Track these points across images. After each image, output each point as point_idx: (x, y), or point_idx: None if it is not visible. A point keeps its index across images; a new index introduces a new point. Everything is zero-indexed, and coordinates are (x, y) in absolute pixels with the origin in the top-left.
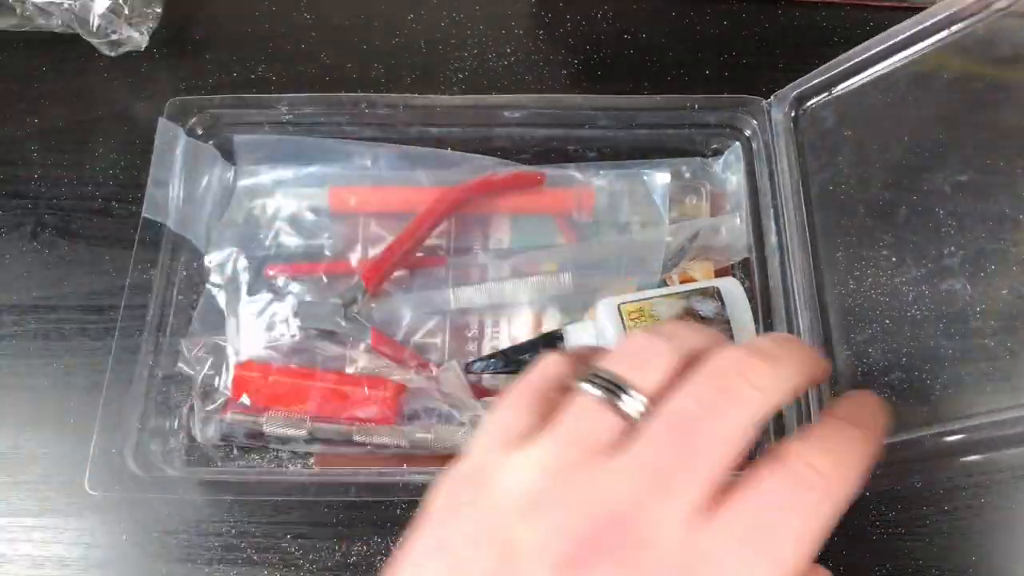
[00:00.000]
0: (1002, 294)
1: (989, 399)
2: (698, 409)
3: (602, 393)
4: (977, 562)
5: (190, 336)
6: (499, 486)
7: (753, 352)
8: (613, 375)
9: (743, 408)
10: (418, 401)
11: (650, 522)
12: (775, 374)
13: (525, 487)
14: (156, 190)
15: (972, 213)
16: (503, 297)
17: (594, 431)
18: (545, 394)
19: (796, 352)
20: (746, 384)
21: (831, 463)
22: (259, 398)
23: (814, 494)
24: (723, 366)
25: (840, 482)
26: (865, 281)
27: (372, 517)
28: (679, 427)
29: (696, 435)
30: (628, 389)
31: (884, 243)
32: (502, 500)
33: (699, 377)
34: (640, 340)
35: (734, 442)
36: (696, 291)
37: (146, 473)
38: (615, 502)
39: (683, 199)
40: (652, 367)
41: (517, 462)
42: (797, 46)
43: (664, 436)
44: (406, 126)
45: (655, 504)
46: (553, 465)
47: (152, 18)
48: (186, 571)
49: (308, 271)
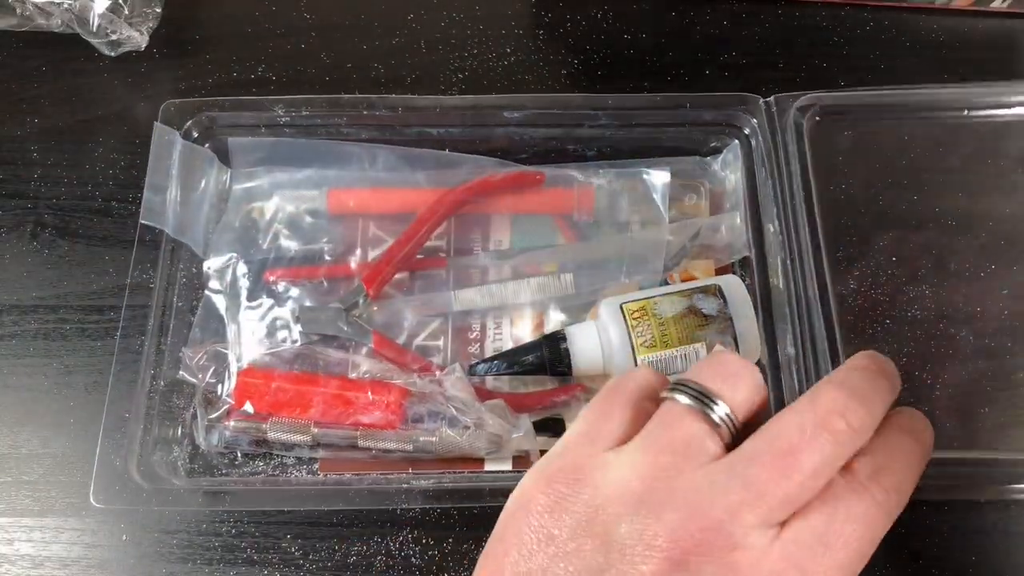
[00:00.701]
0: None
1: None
2: (800, 440)
3: (692, 402)
4: (977, 562)
5: (191, 343)
6: (600, 484)
7: (854, 395)
8: (702, 386)
9: (838, 447)
10: (422, 405)
11: (744, 528)
12: (869, 414)
13: (625, 487)
14: (153, 195)
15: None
16: (505, 298)
17: (686, 437)
18: (637, 401)
19: (886, 391)
20: (843, 424)
21: (895, 483)
22: (262, 405)
23: (880, 511)
24: (826, 404)
25: (901, 499)
26: (866, 280)
27: (372, 517)
28: (781, 452)
29: (795, 463)
30: (717, 399)
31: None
32: (603, 498)
33: (804, 409)
34: (729, 357)
35: (825, 475)
36: (698, 289)
37: (150, 484)
38: (713, 508)
39: (682, 198)
40: (741, 382)
41: (616, 462)
42: (797, 46)
43: (766, 458)
44: (404, 127)
45: (751, 515)
46: (651, 468)
47: (152, 18)
48: (186, 571)
49: (308, 275)
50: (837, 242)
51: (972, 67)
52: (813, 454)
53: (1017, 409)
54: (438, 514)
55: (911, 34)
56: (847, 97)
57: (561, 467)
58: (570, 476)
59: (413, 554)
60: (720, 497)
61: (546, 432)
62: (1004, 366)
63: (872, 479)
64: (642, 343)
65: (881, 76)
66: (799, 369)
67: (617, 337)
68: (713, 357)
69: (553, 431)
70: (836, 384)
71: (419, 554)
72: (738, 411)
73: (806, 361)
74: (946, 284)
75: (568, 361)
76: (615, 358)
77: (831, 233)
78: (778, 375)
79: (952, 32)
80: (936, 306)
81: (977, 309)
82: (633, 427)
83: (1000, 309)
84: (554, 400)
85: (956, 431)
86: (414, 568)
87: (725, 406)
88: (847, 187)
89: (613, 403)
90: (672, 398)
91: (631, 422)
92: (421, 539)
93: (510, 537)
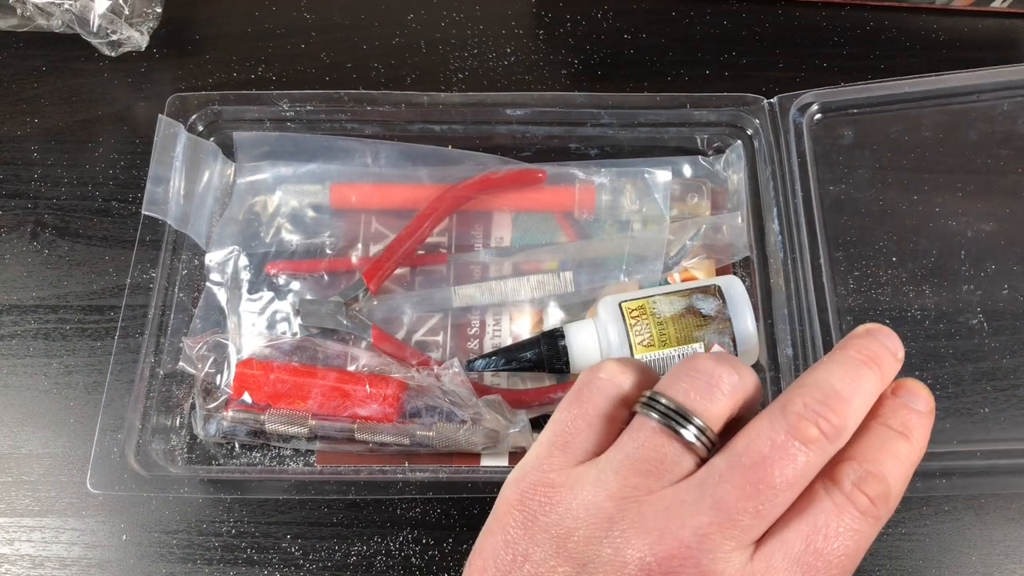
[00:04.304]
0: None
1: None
2: (771, 451)
3: (664, 420)
4: (977, 562)
5: (192, 334)
6: (571, 504)
7: (829, 397)
8: (675, 403)
9: (812, 456)
10: (420, 399)
11: (714, 552)
12: (846, 416)
13: (597, 508)
14: (155, 187)
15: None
16: (504, 295)
17: (659, 456)
18: (606, 412)
19: (872, 382)
20: (815, 431)
21: (882, 491)
22: (261, 396)
23: (866, 521)
24: (797, 409)
25: (889, 507)
26: (866, 280)
27: (372, 517)
28: (750, 469)
29: (766, 478)
30: (692, 417)
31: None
32: (574, 519)
33: (774, 416)
34: (704, 363)
35: (800, 485)
36: (697, 289)
37: (148, 472)
38: (683, 531)
39: (684, 197)
40: (717, 390)
41: (586, 479)
42: (797, 46)
43: (736, 476)
44: (407, 123)
45: (720, 537)
46: (622, 488)
47: (152, 18)
48: (186, 571)
49: (309, 269)
50: (837, 242)
51: (972, 67)
52: (785, 466)
53: (1017, 409)
54: (438, 514)
55: (911, 34)
56: (847, 91)
57: (534, 482)
58: (542, 492)
59: (413, 554)
60: (689, 519)
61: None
62: (1004, 366)
63: (857, 488)
64: (640, 342)
65: (881, 76)
66: (798, 370)
67: (615, 335)
68: (688, 364)
69: None
70: (809, 387)
71: (419, 554)
72: (715, 422)
73: (805, 362)
74: (946, 284)
75: (566, 358)
76: (613, 357)
77: (832, 233)
78: (777, 376)
79: (952, 32)
80: (936, 306)
81: (977, 309)
82: (604, 439)
83: (1000, 309)
84: (551, 397)
85: (956, 431)
86: (414, 568)
87: (699, 421)
88: (848, 187)
89: (581, 415)
90: (644, 414)
91: (602, 433)
92: (421, 539)
93: (487, 552)
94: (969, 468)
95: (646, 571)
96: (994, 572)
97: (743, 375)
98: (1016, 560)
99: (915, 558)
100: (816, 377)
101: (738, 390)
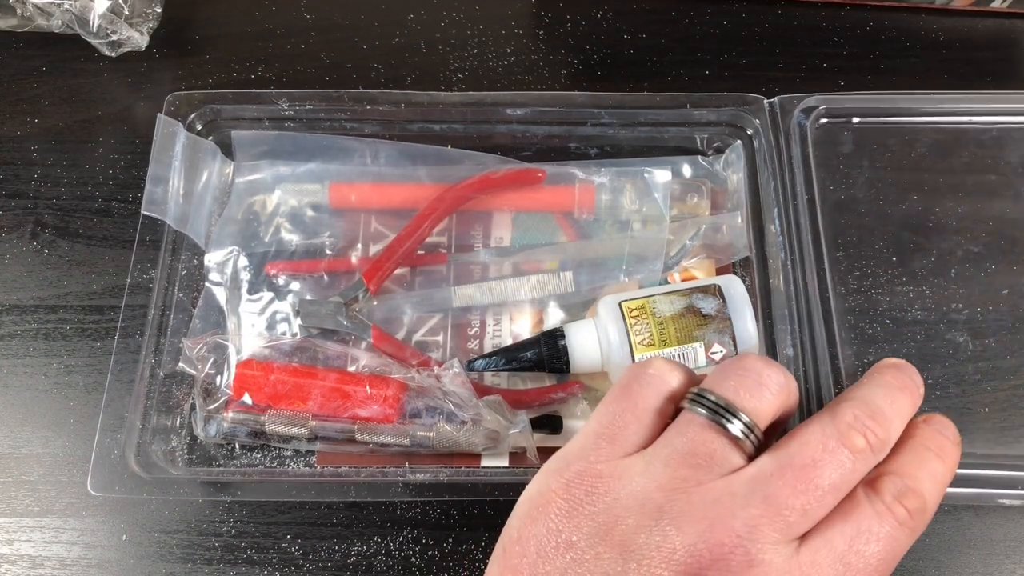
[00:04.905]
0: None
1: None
2: (822, 455)
3: (712, 416)
4: (977, 562)
5: (191, 335)
6: (619, 493)
7: (874, 413)
8: (724, 399)
9: (858, 464)
10: (420, 400)
11: (762, 542)
12: (887, 432)
13: (645, 497)
14: (154, 186)
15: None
16: (504, 295)
17: (708, 451)
18: (656, 407)
19: (906, 406)
20: (863, 441)
21: (919, 505)
22: (261, 397)
23: (903, 531)
24: (847, 419)
25: (924, 520)
26: (866, 280)
27: (372, 517)
28: (801, 469)
29: (816, 479)
30: (739, 413)
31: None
32: (622, 508)
33: (825, 423)
34: (752, 363)
35: (844, 490)
36: (697, 288)
37: (148, 473)
38: (734, 520)
39: (684, 197)
40: (765, 389)
41: (635, 470)
42: (797, 46)
43: (787, 474)
44: (407, 123)
45: (769, 529)
46: (671, 480)
47: (152, 18)
48: (186, 571)
49: (308, 269)
50: (837, 243)
51: (972, 67)
52: (834, 470)
53: (1017, 409)
54: (438, 514)
55: (911, 34)
56: (851, 99)
57: (580, 472)
58: (588, 482)
59: (413, 554)
60: (740, 510)
61: (543, 429)
62: (1004, 366)
63: (897, 500)
64: (640, 341)
65: (881, 76)
66: (798, 370)
67: (615, 335)
68: (737, 362)
69: (550, 428)
70: (857, 401)
71: (419, 554)
72: (761, 420)
73: (805, 362)
74: (946, 285)
75: (566, 358)
76: (613, 356)
77: (832, 234)
78: None
79: (952, 32)
80: (936, 306)
81: (977, 310)
82: (651, 433)
83: (1000, 310)
84: (552, 397)
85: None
86: (414, 568)
87: (746, 417)
88: (848, 188)
89: (631, 410)
90: (692, 410)
91: (649, 427)
92: (421, 539)
93: (528, 538)
94: (969, 468)
95: (696, 558)
96: (994, 572)
97: (788, 378)
98: (1016, 560)
99: (915, 558)
100: (861, 393)
101: (783, 392)
